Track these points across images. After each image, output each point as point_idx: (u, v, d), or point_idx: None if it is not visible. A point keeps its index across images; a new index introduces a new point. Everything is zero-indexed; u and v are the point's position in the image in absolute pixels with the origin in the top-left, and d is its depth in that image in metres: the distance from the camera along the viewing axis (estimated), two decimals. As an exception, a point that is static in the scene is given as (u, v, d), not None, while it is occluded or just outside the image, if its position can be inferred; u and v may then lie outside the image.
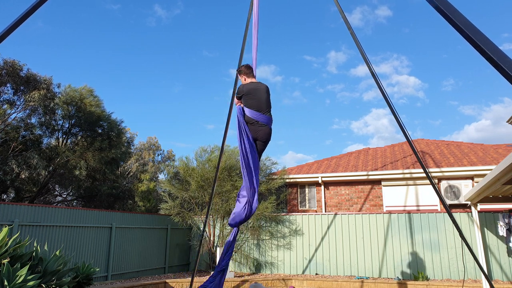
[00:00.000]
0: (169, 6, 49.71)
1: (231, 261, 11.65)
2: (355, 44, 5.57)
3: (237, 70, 5.43)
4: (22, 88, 14.76)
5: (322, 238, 11.23)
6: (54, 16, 43.09)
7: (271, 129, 5.02)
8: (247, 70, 5.22)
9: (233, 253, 11.72)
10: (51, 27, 44.12)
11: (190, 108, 53.96)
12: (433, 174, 11.93)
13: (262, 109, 4.91)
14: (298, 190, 14.15)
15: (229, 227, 11.83)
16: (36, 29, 41.66)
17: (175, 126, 54.10)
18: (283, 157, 51.01)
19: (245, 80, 5.21)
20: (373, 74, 5.45)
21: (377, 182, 13.12)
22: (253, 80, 5.23)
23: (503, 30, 47.02)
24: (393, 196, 12.84)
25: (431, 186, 10.68)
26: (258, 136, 4.94)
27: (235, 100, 5.24)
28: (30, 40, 41.40)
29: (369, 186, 13.22)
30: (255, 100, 4.91)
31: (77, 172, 17.73)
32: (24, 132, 15.76)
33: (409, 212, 10.71)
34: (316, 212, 13.49)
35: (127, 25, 47.17)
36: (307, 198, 14.01)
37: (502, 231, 8.75)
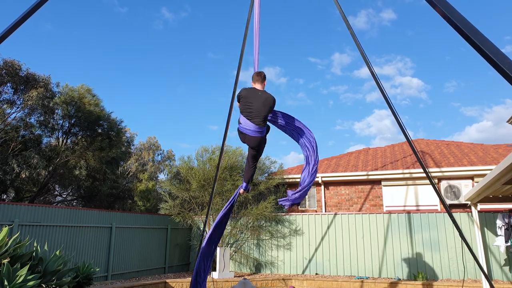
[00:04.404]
0: (176, 9, 49.88)
1: (231, 260, 11.65)
2: (355, 44, 5.58)
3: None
4: (22, 87, 14.76)
5: (322, 238, 11.23)
6: (61, 18, 43.19)
7: (262, 137, 4.95)
8: (256, 77, 5.15)
9: (234, 253, 11.72)
10: (58, 28, 44.22)
11: (194, 108, 54.08)
12: (433, 174, 11.93)
13: (252, 117, 4.81)
14: (298, 190, 14.13)
15: (229, 227, 11.84)
16: (45, 31, 41.75)
17: (178, 126, 54.22)
18: (285, 157, 51.12)
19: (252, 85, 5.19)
20: (372, 73, 5.45)
21: (377, 182, 13.12)
22: (258, 87, 5.07)
23: (505, 33, 47.14)
24: (393, 196, 12.83)
25: (431, 186, 10.68)
26: (248, 143, 4.96)
27: (236, 103, 5.25)
28: (34, 41, 41.50)
29: (369, 186, 13.22)
30: (248, 106, 4.85)
31: (77, 172, 17.73)
32: (23, 132, 15.76)
33: (409, 212, 10.71)
34: (316, 212, 13.49)
35: (134, 28, 47.32)
36: (307, 197, 14.00)
37: (500, 231, 8.74)
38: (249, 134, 4.86)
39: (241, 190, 5.58)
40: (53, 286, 5.58)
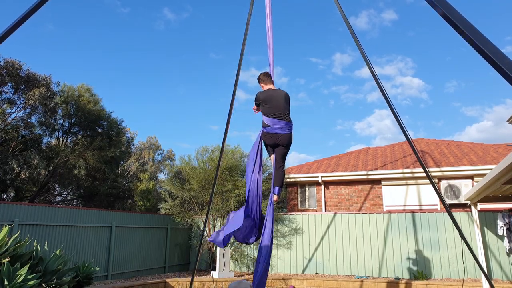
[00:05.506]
0: (178, 9, 49.92)
1: (230, 260, 11.65)
2: (356, 44, 5.58)
3: (257, 78, 5.50)
4: (22, 87, 14.77)
5: (322, 238, 11.23)
6: (63, 18, 43.23)
7: (291, 133, 5.11)
8: (265, 77, 5.34)
9: (233, 252, 11.72)
10: (59, 28, 44.24)
11: (194, 108, 54.14)
12: (433, 174, 11.93)
13: (279, 114, 5.00)
14: (298, 189, 14.15)
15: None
16: (47, 31, 41.77)
17: (178, 126, 54.28)
18: (286, 157, 51.13)
19: (263, 87, 5.33)
20: (372, 73, 5.45)
21: (377, 181, 13.12)
22: (271, 87, 5.31)
23: (506, 33, 47.20)
24: (393, 195, 12.84)
25: (431, 185, 10.68)
26: (279, 142, 5.05)
27: (254, 107, 5.37)
28: (35, 41, 41.52)
29: (369, 186, 13.22)
30: (272, 107, 5.01)
31: (76, 172, 17.73)
32: (24, 132, 15.76)
33: (409, 212, 10.71)
34: (316, 211, 13.49)
35: (134, 28, 47.36)
36: (307, 197, 14.01)
37: (502, 231, 8.75)
38: (281, 132, 4.99)
39: (275, 197, 5.19)
40: (53, 285, 5.59)
